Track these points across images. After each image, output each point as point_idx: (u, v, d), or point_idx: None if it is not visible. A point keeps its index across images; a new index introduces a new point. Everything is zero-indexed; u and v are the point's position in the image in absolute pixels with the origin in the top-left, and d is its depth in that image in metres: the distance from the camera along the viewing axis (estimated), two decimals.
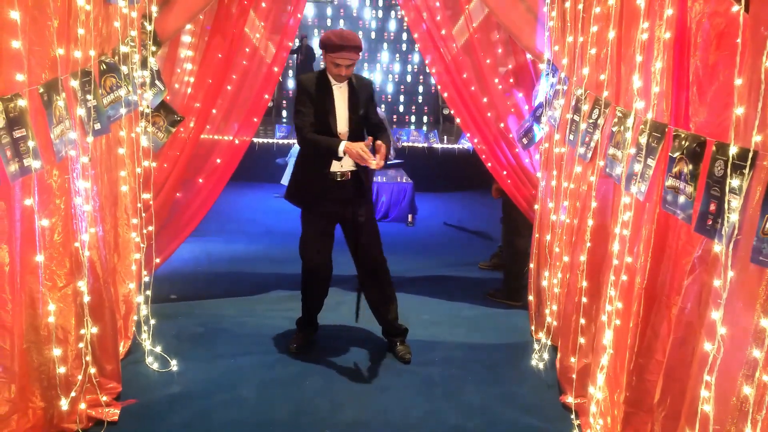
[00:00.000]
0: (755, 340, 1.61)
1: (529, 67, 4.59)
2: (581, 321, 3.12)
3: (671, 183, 2.14)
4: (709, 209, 1.84)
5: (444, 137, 10.04)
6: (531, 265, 4.44)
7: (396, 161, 8.40)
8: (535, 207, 4.41)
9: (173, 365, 3.58)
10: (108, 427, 2.95)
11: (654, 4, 2.36)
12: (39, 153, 2.39)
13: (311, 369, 3.66)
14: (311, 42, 12.32)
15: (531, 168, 4.65)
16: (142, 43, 3.68)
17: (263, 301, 4.70)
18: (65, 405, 2.74)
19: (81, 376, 2.84)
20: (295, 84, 3.66)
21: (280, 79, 13.31)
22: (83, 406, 2.89)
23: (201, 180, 4.51)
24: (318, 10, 13.15)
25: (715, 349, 1.74)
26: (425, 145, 9.52)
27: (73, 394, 2.79)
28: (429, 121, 12.34)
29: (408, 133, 10.03)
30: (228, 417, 3.13)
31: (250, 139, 4.61)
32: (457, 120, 4.86)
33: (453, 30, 4.62)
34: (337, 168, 3.61)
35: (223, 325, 4.20)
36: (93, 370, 2.94)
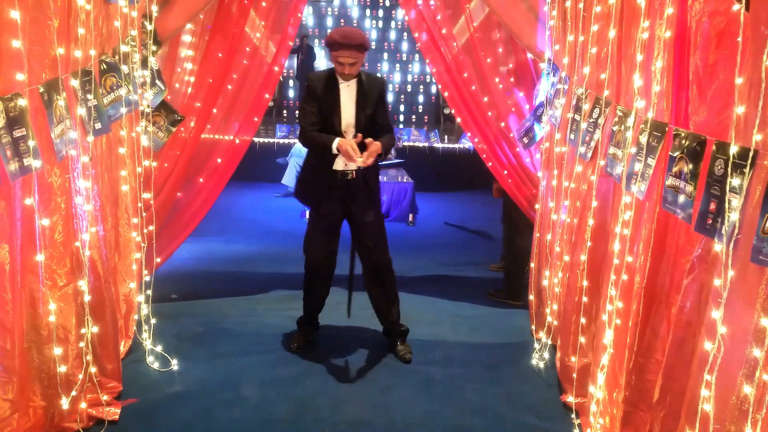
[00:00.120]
0: (755, 339, 1.60)
1: (530, 67, 4.58)
2: (582, 320, 3.12)
3: (671, 182, 2.14)
4: (709, 208, 1.84)
5: (445, 137, 10.04)
6: (532, 265, 4.44)
7: (397, 161, 8.40)
8: (536, 206, 4.42)
9: (174, 364, 3.59)
10: (108, 427, 2.95)
11: (654, 2, 2.35)
12: (39, 152, 2.40)
13: (312, 368, 3.66)
14: (312, 42, 12.40)
15: (532, 167, 4.65)
16: (142, 43, 3.68)
17: (264, 301, 4.70)
18: (66, 404, 2.74)
19: (82, 375, 2.84)
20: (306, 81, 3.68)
21: (281, 79, 13.46)
22: (84, 405, 2.89)
23: (201, 179, 4.51)
24: (318, 19, 13.34)
25: (716, 349, 1.74)
26: (426, 145, 9.52)
27: (74, 393, 2.79)
28: (429, 121, 12.37)
29: (408, 133, 10.03)
30: (229, 416, 3.13)
31: (250, 139, 4.62)
32: (458, 119, 4.86)
33: (454, 29, 4.62)
34: (341, 167, 3.60)
35: (224, 325, 4.20)
36: (94, 369, 2.94)
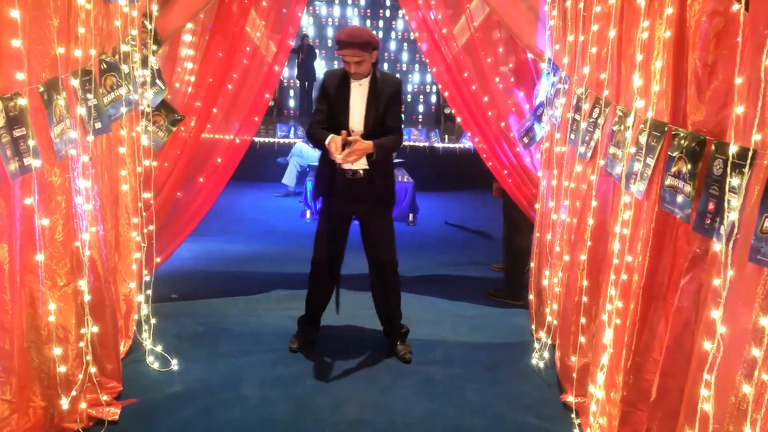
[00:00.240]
0: (754, 338, 1.60)
1: (530, 66, 4.58)
2: (581, 320, 3.12)
3: (670, 182, 2.14)
4: (708, 208, 1.84)
5: (445, 136, 10.04)
6: (532, 265, 4.44)
7: (397, 161, 8.39)
8: (536, 206, 4.41)
9: (174, 364, 3.59)
10: (108, 427, 2.95)
11: (654, 2, 2.35)
12: (39, 152, 2.40)
13: (312, 368, 3.66)
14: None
15: (532, 167, 4.65)
16: (142, 42, 3.69)
17: (264, 301, 4.70)
18: (66, 404, 2.74)
19: (81, 375, 2.84)
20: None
21: (284, 85, 13.50)
22: (84, 405, 2.89)
23: (202, 179, 4.51)
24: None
25: (715, 348, 1.73)
26: (426, 145, 9.51)
27: (74, 393, 2.79)
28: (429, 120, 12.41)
29: (409, 133, 10.03)
30: (229, 416, 3.13)
31: (250, 139, 4.62)
32: (458, 119, 4.86)
33: (454, 29, 4.63)
34: (347, 165, 3.62)
35: (224, 325, 4.20)
36: (93, 369, 2.94)
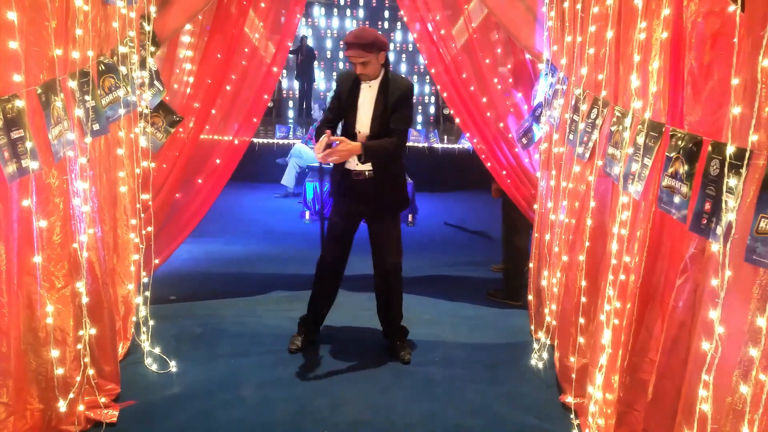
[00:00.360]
0: (750, 338, 1.60)
1: (529, 67, 4.59)
2: (580, 320, 3.12)
3: (667, 182, 2.14)
4: (704, 208, 1.84)
5: (444, 137, 10.02)
6: (531, 265, 4.44)
7: None
8: (535, 207, 4.41)
9: (172, 366, 3.58)
10: (107, 429, 2.95)
11: (651, 3, 2.35)
12: (37, 154, 2.39)
13: (311, 369, 3.66)
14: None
15: (530, 168, 4.65)
16: (140, 44, 3.69)
17: (263, 302, 4.70)
18: (63, 407, 2.74)
19: (79, 377, 2.84)
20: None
21: (280, 79, 13.51)
22: (81, 407, 2.89)
23: (200, 180, 4.51)
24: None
25: (713, 348, 1.73)
26: (425, 145, 9.50)
27: (72, 395, 2.79)
28: (429, 121, 12.39)
29: (408, 133, 10.03)
30: (228, 417, 3.13)
31: (249, 140, 4.62)
32: (457, 120, 4.87)
33: (452, 30, 4.63)
34: (353, 166, 3.64)
35: (223, 326, 4.20)
36: (91, 371, 2.94)
